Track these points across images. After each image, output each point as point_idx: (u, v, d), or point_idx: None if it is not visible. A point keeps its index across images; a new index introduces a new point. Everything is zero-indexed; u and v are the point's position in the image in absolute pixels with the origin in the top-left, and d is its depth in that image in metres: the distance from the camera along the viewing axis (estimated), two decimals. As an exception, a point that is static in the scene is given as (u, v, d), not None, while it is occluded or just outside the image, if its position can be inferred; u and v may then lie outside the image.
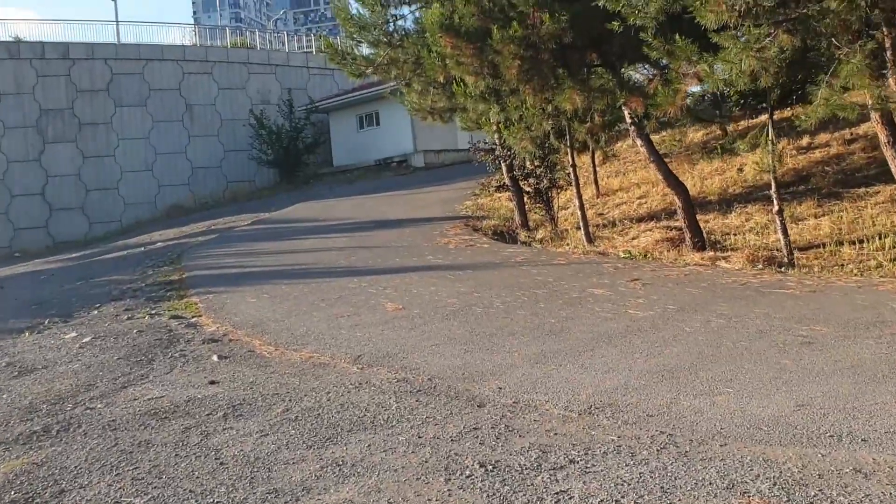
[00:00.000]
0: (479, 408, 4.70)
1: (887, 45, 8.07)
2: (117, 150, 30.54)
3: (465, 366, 5.72)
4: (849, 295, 7.34)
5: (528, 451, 3.89)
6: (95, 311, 9.79)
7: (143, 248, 18.07)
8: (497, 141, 14.62)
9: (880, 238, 10.40)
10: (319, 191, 26.66)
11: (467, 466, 3.76)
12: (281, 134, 31.07)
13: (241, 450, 4.35)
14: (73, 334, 8.37)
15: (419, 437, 4.27)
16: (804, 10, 8.00)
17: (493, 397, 4.89)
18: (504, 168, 14.94)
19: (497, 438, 4.12)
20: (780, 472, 3.30)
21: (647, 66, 11.87)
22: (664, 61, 10.17)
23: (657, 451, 3.70)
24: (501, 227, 15.01)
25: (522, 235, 14.20)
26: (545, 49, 10.75)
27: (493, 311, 7.68)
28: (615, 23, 9.50)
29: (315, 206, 21.73)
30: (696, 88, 10.42)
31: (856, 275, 8.85)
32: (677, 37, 9.22)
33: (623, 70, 11.80)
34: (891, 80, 8.09)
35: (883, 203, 11.92)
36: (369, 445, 4.22)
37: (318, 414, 4.89)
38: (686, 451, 3.65)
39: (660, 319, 6.75)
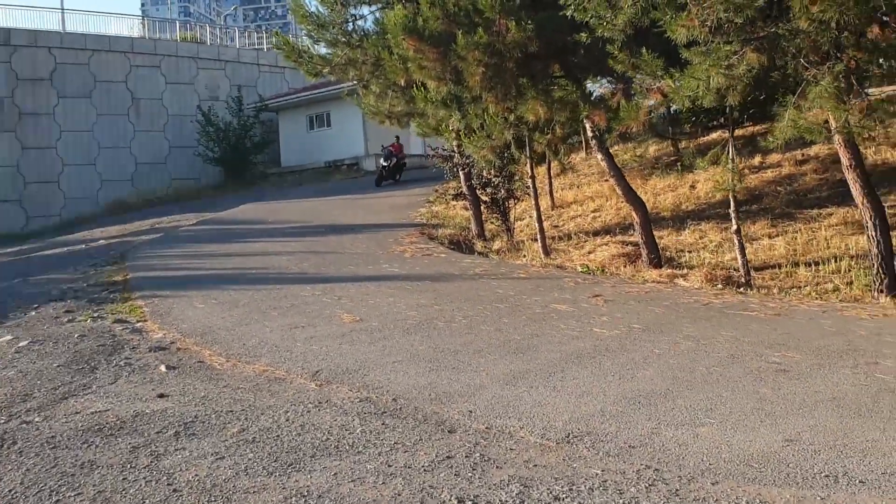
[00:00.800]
0: (450, 433, 4.45)
1: (853, 67, 8.11)
2: (59, 143, 29.47)
3: (431, 385, 5.46)
4: (814, 319, 7.31)
5: (507, 484, 3.66)
6: (33, 313, 9.23)
7: (84, 246, 17.34)
8: (455, 148, 14.41)
9: (835, 261, 10.50)
10: (267, 191, 26.11)
11: (444, 502, 3.51)
12: (229, 131, 30.39)
13: (196, 475, 4.01)
14: (8, 337, 7.84)
15: (389, 466, 4.00)
16: (774, 29, 7.99)
17: (464, 422, 4.65)
18: (462, 176, 14.75)
19: (473, 469, 3.87)
20: (781, 516, 3.14)
21: (610, 80, 11.81)
22: (629, 75, 10.10)
23: (646, 488, 3.50)
24: (457, 236, 14.79)
25: (479, 246, 14.01)
26: (510, 57, 10.60)
27: (455, 325, 7.44)
28: (583, 34, 9.40)
29: (263, 207, 21.22)
30: (651, 103, 10.35)
31: (815, 298, 8.87)
32: (644, 51, 9.16)
33: (587, 82, 11.73)
34: (855, 104, 8.12)
35: (836, 225, 12.09)
36: (335, 474, 3.93)
37: (277, 435, 4.58)
38: (677, 490, 3.46)
39: (627, 339, 6.60)
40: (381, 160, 24.02)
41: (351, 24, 13.50)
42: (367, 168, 28.00)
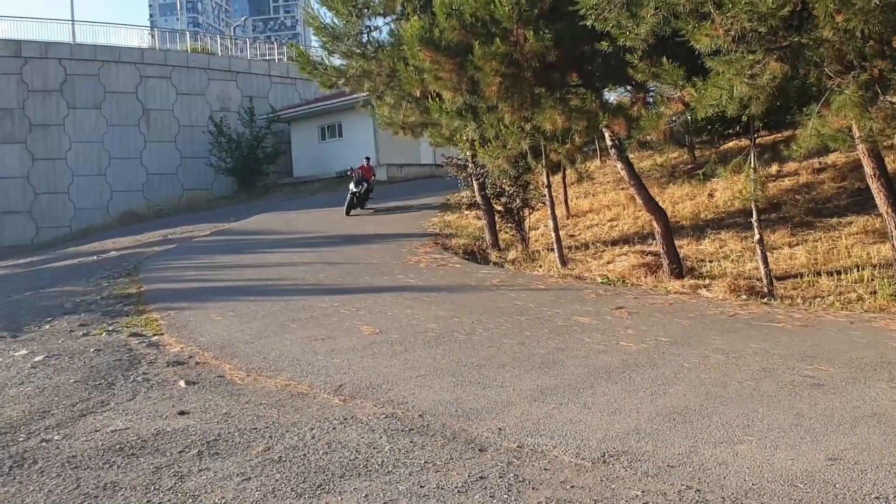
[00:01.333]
0: (482, 452, 4.34)
1: (877, 77, 7.99)
2: (69, 153, 29.54)
3: (458, 401, 5.35)
4: (843, 331, 7.17)
5: (546, 507, 3.54)
6: (47, 326, 9.18)
7: (95, 257, 17.31)
8: (470, 158, 14.32)
9: (858, 270, 10.34)
10: (279, 202, 26.07)
11: (482, 525, 3.40)
12: (241, 142, 30.43)
13: (223, 497, 3.91)
14: (24, 352, 7.78)
15: (421, 487, 3.88)
16: (798, 39, 7.88)
17: (495, 440, 4.53)
18: (476, 186, 14.65)
19: (508, 491, 3.76)
20: (838, 543, 3.02)
21: (628, 89, 11.72)
22: (649, 84, 10.00)
23: (690, 511, 3.38)
24: (471, 246, 14.69)
25: (494, 256, 13.90)
26: (528, 67, 10.51)
27: (476, 338, 7.33)
28: (604, 43, 9.30)
29: (277, 217, 21.17)
30: (672, 112, 10.24)
31: (840, 308, 8.72)
32: (664, 60, 9.06)
33: (605, 91, 11.63)
34: (879, 113, 8.00)
35: (857, 234, 11.92)
36: (366, 496, 3.82)
37: (304, 454, 4.47)
38: (723, 513, 3.34)
39: (655, 353, 6.47)
40: (351, 185, 20.04)
41: (366, 35, 13.47)
42: (379, 178, 27.95)
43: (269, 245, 15.82)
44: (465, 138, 13.32)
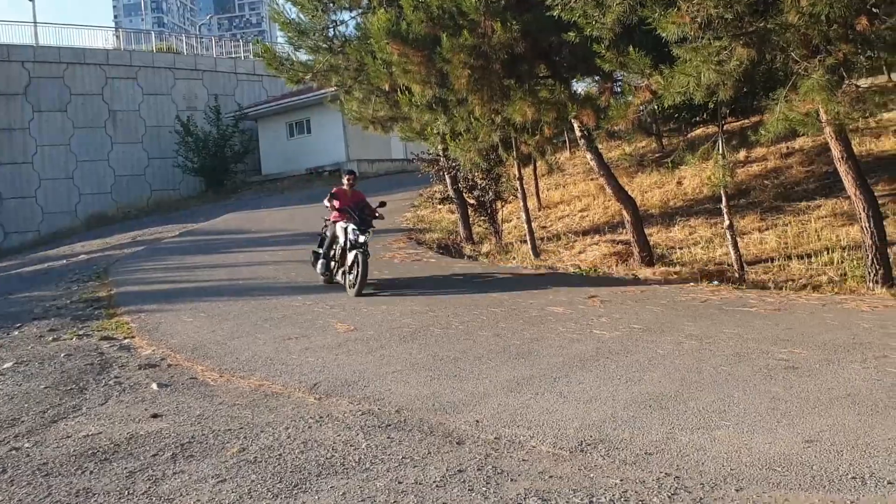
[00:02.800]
0: (459, 445, 4.31)
1: (842, 60, 8.06)
2: (35, 157, 29.02)
3: (435, 395, 5.32)
4: (815, 313, 7.24)
5: (525, 498, 3.52)
6: (16, 332, 9.00)
7: (65, 261, 17.04)
8: (441, 152, 14.28)
9: (827, 252, 10.47)
10: (248, 200, 25.86)
11: (461, 519, 3.38)
12: (208, 141, 30.12)
13: (198, 499, 3.85)
14: (-9, 360, 7.62)
15: (399, 483, 3.85)
16: (764, 24, 7.93)
17: (472, 433, 4.51)
18: (448, 180, 14.62)
19: (487, 483, 3.73)
20: (815, 523, 3.03)
21: (596, 79, 11.74)
22: (618, 74, 10.03)
23: (669, 497, 3.38)
24: (445, 240, 14.67)
25: (468, 249, 13.89)
26: (496, 59, 10.50)
27: (452, 332, 7.30)
28: (571, 33, 9.31)
29: (246, 216, 20.99)
30: (640, 101, 10.28)
31: (812, 291, 8.81)
32: (631, 49, 9.08)
33: (573, 81, 11.65)
34: (846, 96, 8.08)
35: (826, 217, 12.06)
36: (344, 493, 3.78)
37: (280, 454, 4.41)
38: (700, 498, 3.34)
39: (629, 341, 6.49)
40: (349, 228, 9.90)
41: (332, 29, 13.37)
42: (350, 174, 27.82)
43: (239, 244, 15.67)
44: (435, 132, 13.26)
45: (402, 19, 10.60)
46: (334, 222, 10.31)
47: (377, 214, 10.29)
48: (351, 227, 9.75)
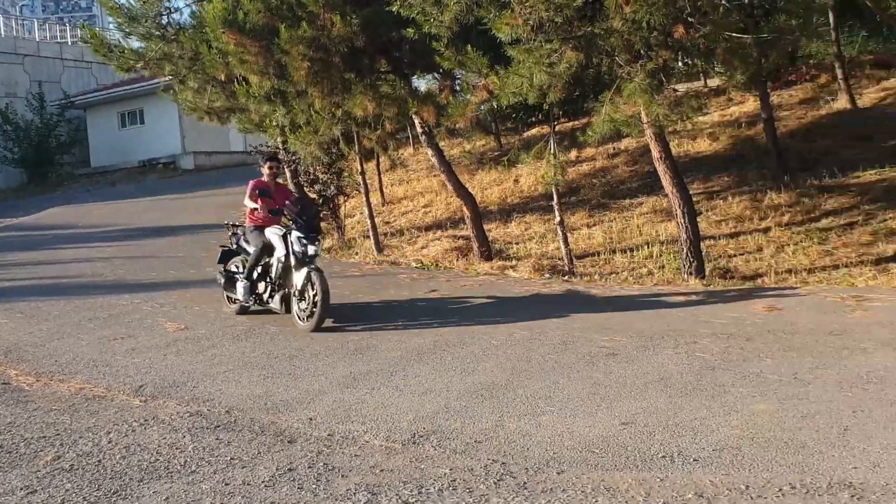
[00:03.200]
0: (291, 444, 4.24)
1: (661, 65, 8.61)
2: None
3: (268, 394, 5.20)
4: (635, 303, 7.70)
5: (354, 493, 3.51)
6: None
7: None
8: (281, 145, 13.98)
9: (648, 246, 11.16)
10: (76, 193, 24.24)
11: (289, 518, 3.32)
12: (30, 130, 27.96)
13: (1, 516, 3.56)
14: None
15: (226, 484, 3.73)
16: (591, 29, 8.32)
17: (305, 430, 4.44)
18: (288, 174, 14.33)
19: (317, 480, 3.69)
20: (626, 500, 3.20)
21: (437, 76, 11.89)
22: (456, 72, 10.20)
23: (495, 484, 3.48)
24: (286, 235, 14.37)
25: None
26: (336, 52, 10.40)
27: (289, 329, 7.17)
28: (409, 29, 9.37)
29: (73, 210, 19.66)
30: (478, 99, 10.55)
31: (633, 283, 9.36)
32: (469, 48, 9.27)
33: (414, 78, 11.75)
34: (665, 99, 8.63)
35: (647, 214, 12.85)
36: (167, 498, 3.61)
37: (99, 460, 4.17)
38: (524, 483, 3.46)
39: (465, 333, 6.63)
40: (292, 237, 7.48)
41: (166, 17, 12.75)
42: (185, 166, 26.75)
43: (63, 240, 14.66)
44: (274, 124, 12.97)
45: (238, 8, 10.28)
46: (256, 228, 7.94)
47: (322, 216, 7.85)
48: (295, 234, 7.31)
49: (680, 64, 9.27)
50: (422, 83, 13.32)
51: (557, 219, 10.85)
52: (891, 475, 3.34)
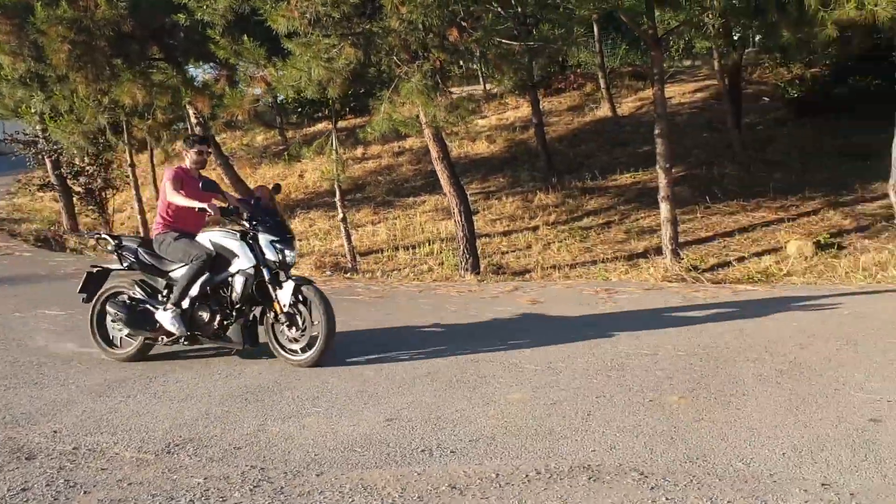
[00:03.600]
0: (29, 461, 3.86)
1: (438, 67, 8.84)
2: None
3: (7, 407, 4.71)
4: (413, 299, 7.85)
5: (97, 511, 3.27)
6: None
7: None
8: (41, 133, 12.83)
9: (429, 244, 11.46)
10: None
11: (16, 544, 3.01)
12: None
13: None
14: None
15: (-56, 513, 3.33)
16: (369, 26, 8.36)
17: (47, 445, 4.07)
18: (49, 164, 13.19)
19: (55, 499, 3.39)
20: (382, 498, 3.22)
21: (213, 66, 11.45)
22: (232, 62, 9.87)
23: (250, 491, 3.37)
24: (46, 231, 13.21)
25: (72, 242, 12.67)
26: (101, 35, 9.72)
27: (41, 334, 6.57)
28: (181, 14, 8.95)
29: None
30: (256, 91, 10.31)
31: (414, 279, 9.56)
32: (246, 38, 9.01)
33: (189, 67, 11.23)
34: (441, 101, 8.88)
35: (429, 212, 13.19)
36: None
37: None
38: (282, 487, 3.39)
39: (236, 334, 6.39)
40: (266, 251, 5.46)
41: None
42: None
43: None
44: (32, 110, 11.90)
45: (-14, -19, 9.32)
46: (182, 235, 5.60)
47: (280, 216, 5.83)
48: (264, 237, 5.37)
49: (457, 67, 9.57)
50: (199, 73, 12.72)
51: (340, 215, 10.84)
52: (624, 456, 3.63)
